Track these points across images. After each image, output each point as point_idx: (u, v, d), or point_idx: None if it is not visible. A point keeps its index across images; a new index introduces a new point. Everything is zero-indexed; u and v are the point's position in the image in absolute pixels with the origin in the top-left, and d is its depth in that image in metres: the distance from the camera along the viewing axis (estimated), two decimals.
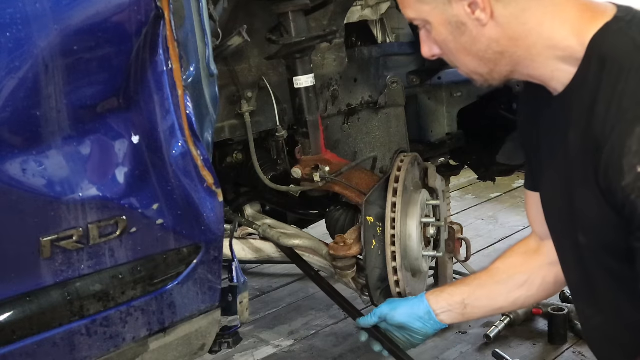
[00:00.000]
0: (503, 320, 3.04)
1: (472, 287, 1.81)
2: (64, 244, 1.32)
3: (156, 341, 1.55)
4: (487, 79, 1.42)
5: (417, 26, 1.42)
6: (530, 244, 1.77)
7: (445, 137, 2.91)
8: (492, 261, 1.85)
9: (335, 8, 2.25)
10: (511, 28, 1.31)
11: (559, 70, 1.34)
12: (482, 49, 1.34)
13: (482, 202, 4.86)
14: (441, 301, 1.81)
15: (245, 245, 2.35)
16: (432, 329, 1.83)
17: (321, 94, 2.30)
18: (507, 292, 1.77)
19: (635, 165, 1.18)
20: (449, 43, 1.37)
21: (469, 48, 1.35)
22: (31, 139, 1.26)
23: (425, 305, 1.81)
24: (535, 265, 1.72)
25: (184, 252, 1.53)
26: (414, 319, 1.82)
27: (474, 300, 1.79)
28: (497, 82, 1.42)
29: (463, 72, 1.45)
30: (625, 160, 1.19)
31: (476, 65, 1.39)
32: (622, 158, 1.19)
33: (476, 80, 1.44)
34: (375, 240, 1.99)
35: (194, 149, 1.46)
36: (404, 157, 2.08)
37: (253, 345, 3.13)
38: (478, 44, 1.34)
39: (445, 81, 2.77)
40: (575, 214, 1.39)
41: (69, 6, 1.24)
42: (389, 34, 2.72)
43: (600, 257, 1.39)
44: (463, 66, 1.42)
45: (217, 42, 1.67)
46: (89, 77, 1.29)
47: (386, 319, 1.87)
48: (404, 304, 1.85)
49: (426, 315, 1.81)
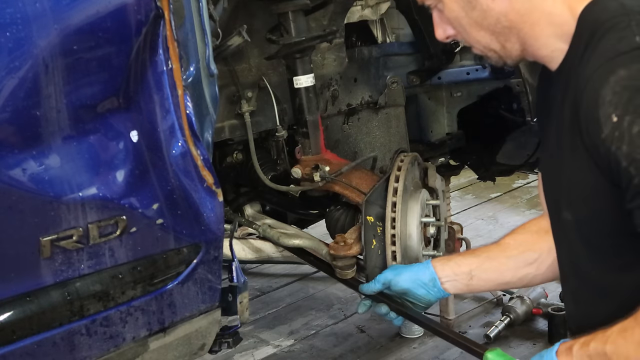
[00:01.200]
0: (503, 320, 3.04)
1: (480, 258, 1.76)
2: (63, 244, 1.32)
3: (156, 341, 1.54)
4: (501, 56, 1.42)
5: (429, 8, 1.44)
6: (542, 223, 1.70)
7: (445, 137, 2.91)
8: (502, 236, 1.81)
9: (335, 8, 2.25)
10: (518, 1, 1.33)
11: (557, 50, 1.36)
12: (492, 22, 1.36)
13: (482, 202, 4.86)
14: (447, 269, 1.76)
15: (245, 245, 2.35)
16: (435, 296, 1.78)
17: (321, 94, 2.30)
18: (516, 267, 1.72)
19: (610, 115, 1.15)
20: (462, 19, 1.39)
21: (480, 22, 1.37)
22: (31, 139, 1.26)
23: (431, 271, 1.75)
24: (547, 245, 1.66)
25: (184, 252, 1.53)
26: (418, 285, 1.77)
27: (481, 272, 1.74)
28: (511, 60, 1.43)
29: (478, 51, 1.45)
30: (601, 112, 1.17)
31: (488, 41, 1.40)
32: (598, 110, 1.17)
33: (491, 58, 1.44)
34: (376, 240, 1.99)
35: (193, 148, 1.46)
36: (404, 157, 2.08)
37: (253, 345, 3.13)
38: (488, 18, 1.36)
39: (445, 81, 2.76)
40: (562, 189, 1.38)
41: (68, 6, 1.24)
42: (389, 34, 2.72)
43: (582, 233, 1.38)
44: (476, 43, 1.42)
45: (217, 42, 1.67)
46: (88, 77, 1.30)
47: (390, 285, 1.81)
48: (409, 270, 1.80)
49: (430, 282, 1.76)
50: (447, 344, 3.00)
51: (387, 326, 3.23)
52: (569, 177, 1.35)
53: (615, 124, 1.15)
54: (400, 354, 3.01)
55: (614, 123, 1.15)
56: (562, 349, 1.32)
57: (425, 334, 3.12)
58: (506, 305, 3.15)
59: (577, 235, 1.39)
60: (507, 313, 3.09)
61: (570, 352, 1.29)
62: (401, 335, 3.13)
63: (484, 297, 3.43)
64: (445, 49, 2.61)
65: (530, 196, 4.94)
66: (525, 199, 4.89)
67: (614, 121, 1.15)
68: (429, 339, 3.09)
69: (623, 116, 1.14)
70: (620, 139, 1.15)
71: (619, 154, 1.16)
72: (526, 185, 5.15)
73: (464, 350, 1.75)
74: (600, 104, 1.17)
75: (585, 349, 1.27)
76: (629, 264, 1.31)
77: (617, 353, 1.21)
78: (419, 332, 3.12)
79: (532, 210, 4.64)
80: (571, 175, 1.34)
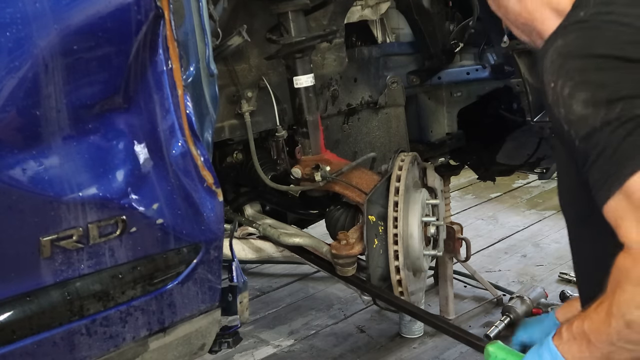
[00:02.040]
0: (503, 320, 3.04)
1: None
2: (63, 244, 1.32)
3: (156, 341, 1.54)
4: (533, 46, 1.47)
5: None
6: None
7: (445, 137, 2.90)
8: None
9: (335, 8, 2.25)
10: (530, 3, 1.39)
11: None
12: (512, 19, 1.45)
13: (482, 202, 4.86)
14: None
15: (245, 245, 2.35)
16: None
17: (321, 94, 2.30)
18: None
19: (549, 82, 1.22)
20: (502, 17, 1.49)
21: (504, 17, 1.47)
22: (31, 139, 1.26)
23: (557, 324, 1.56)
24: None
25: (184, 252, 1.53)
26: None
27: None
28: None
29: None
30: (545, 79, 1.23)
31: (520, 34, 1.48)
32: (544, 77, 1.23)
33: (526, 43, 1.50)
34: (377, 240, 1.99)
35: (193, 148, 1.46)
36: (404, 157, 2.08)
37: (253, 345, 3.13)
38: (510, 14, 1.45)
39: (445, 81, 2.76)
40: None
41: (68, 6, 1.24)
42: (389, 34, 2.72)
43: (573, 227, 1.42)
44: (518, 36, 1.50)
45: (217, 42, 1.67)
46: (88, 77, 1.30)
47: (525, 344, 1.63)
48: (538, 326, 1.63)
49: None
50: (447, 344, 3.02)
51: (387, 326, 3.23)
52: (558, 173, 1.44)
53: (553, 89, 1.21)
54: (400, 354, 3.01)
55: (552, 88, 1.21)
56: (556, 333, 1.33)
57: (426, 334, 3.12)
58: (506, 305, 3.14)
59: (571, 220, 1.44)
60: (507, 313, 3.09)
61: (560, 336, 1.31)
62: (401, 335, 3.13)
63: (484, 297, 3.43)
64: (445, 49, 2.61)
65: (530, 196, 4.94)
66: (525, 199, 4.89)
67: (551, 87, 1.21)
68: (429, 339, 3.09)
69: (557, 81, 1.20)
70: (557, 103, 1.21)
71: (560, 117, 1.21)
72: (526, 185, 5.15)
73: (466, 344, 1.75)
74: (543, 72, 1.24)
75: (570, 330, 1.29)
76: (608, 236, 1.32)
77: (592, 329, 1.23)
78: (419, 332, 3.12)
79: (532, 210, 4.64)
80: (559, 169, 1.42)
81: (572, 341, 1.28)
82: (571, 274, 3.52)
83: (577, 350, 1.27)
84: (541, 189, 5.04)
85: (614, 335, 1.18)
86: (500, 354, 1.57)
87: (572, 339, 1.28)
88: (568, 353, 1.28)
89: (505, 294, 3.39)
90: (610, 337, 1.19)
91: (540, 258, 3.86)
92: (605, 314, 1.19)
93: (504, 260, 3.89)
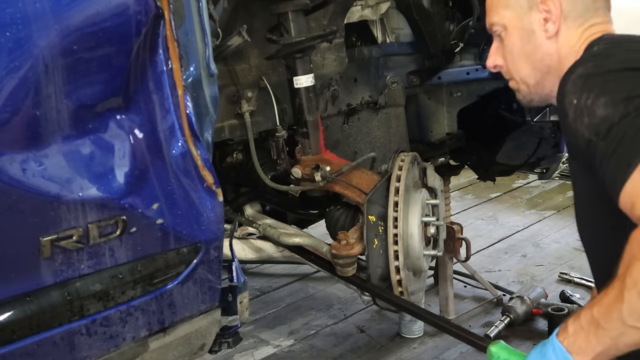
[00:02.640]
0: (503, 320, 3.04)
1: None
2: (63, 244, 1.32)
3: (156, 341, 1.54)
4: (531, 92, 1.56)
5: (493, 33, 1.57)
6: None
7: (445, 137, 2.91)
8: None
9: (335, 8, 2.25)
10: (563, 48, 1.48)
11: None
12: (538, 58, 1.51)
13: (482, 202, 4.86)
14: None
15: (245, 245, 2.35)
16: None
17: (321, 94, 2.30)
18: None
19: (571, 101, 1.31)
20: (515, 49, 1.54)
21: (529, 55, 1.52)
22: (31, 139, 1.26)
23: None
24: None
25: (184, 252, 1.53)
26: None
27: None
28: (538, 97, 1.57)
29: (513, 82, 1.59)
30: (566, 101, 1.33)
31: (528, 74, 1.54)
32: (565, 100, 1.33)
33: (521, 92, 1.58)
34: (377, 240, 1.99)
35: (193, 148, 1.46)
36: (404, 157, 2.08)
37: (253, 345, 3.13)
38: (537, 53, 1.51)
39: (445, 81, 2.76)
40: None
41: (68, 6, 1.24)
42: (389, 34, 2.72)
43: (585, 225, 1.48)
44: (517, 73, 1.56)
45: (217, 42, 1.67)
46: (89, 77, 1.30)
47: None
48: None
49: None
50: (447, 344, 3.02)
51: (387, 326, 3.23)
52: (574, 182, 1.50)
53: (575, 105, 1.31)
54: (400, 354, 3.01)
55: (574, 105, 1.31)
56: (561, 329, 1.33)
57: (426, 333, 3.12)
58: (506, 305, 3.14)
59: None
60: (507, 313, 3.09)
61: (566, 330, 1.30)
62: (401, 335, 3.13)
63: (484, 297, 3.43)
64: (445, 49, 2.61)
65: (530, 196, 4.94)
66: (525, 199, 4.89)
67: (574, 103, 1.31)
68: (429, 339, 3.09)
69: (580, 96, 1.30)
70: (581, 115, 1.29)
71: (582, 128, 1.29)
72: (526, 185, 5.15)
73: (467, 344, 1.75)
74: (565, 95, 1.34)
75: (577, 321, 1.29)
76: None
77: (601, 311, 1.23)
78: (419, 332, 3.12)
79: (532, 210, 4.64)
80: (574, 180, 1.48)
81: (579, 332, 1.27)
82: (571, 273, 3.52)
83: (584, 340, 1.26)
84: (541, 189, 5.04)
85: (625, 312, 1.18)
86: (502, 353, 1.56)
87: (580, 329, 1.27)
88: (574, 345, 1.27)
89: (505, 294, 3.39)
90: (622, 315, 1.19)
91: (540, 258, 3.86)
92: (618, 291, 1.19)
93: (504, 260, 3.89)
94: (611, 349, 1.24)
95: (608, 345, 1.23)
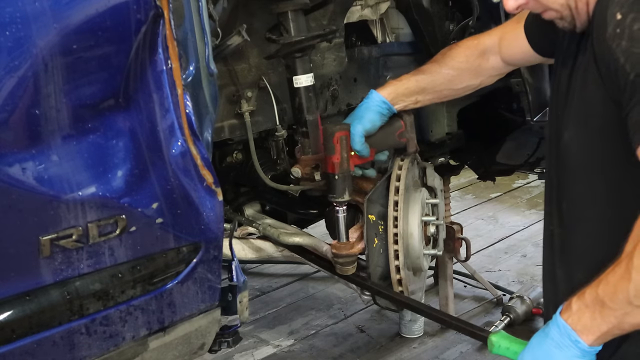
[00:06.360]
0: (503, 320, 3.04)
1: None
2: (63, 243, 1.32)
3: (156, 340, 1.54)
4: (574, 16, 1.40)
5: None
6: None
7: (445, 136, 2.90)
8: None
9: (335, 7, 2.25)
10: None
11: None
12: None
13: (482, 202, 4.87)
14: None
15: (245, 244, 2.35)
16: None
17: (321, 94, 2.30)
18: None
19: (615, 13, 1.22)
20: None
21: None
22: (30, 138, 1.26)
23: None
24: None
25: (184, 251, 1.53)
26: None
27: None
28: (580, 23, 1.41)
29: (552, 11, 1.43)
30: (609, 12, 1.23)
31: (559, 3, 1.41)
32: (607, 10, 1.24)
33: (565, 19, 1.43)
34: (377, 239, 1.99)
35: (193, 148, 1.46)
36: (404, 156, 2.08)
37: (253, 345, 3.13)
38: None
39: None
40: (567, 113, 1.41)
41: (68, 5, 1.24)
42: (389, 34, 2.72)
43: (581, 153, 1.40)
44: (554, 2, 1.41)
45: (216, 42, 1.67)
46: (88, 76, 1.29)
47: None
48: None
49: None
50: (447, 344, 3.02)
51: (387, 326, 3.24)
52: (577, 100, 1.38)
53: (619, 21, 1.21)
54: (400, 354, 3.01)
55: (617, 20, 1.21)
56: (564, 307, 1.30)
57: (425, 333, 3.12)
58: (506, 305, 3.15)
59: (574, 160, 1.42)
60: (507, 313, 3.09)
61: (569, 308, 1.28)
62: (401, 335, 3.14)
63: (484, 297, 3.43)
64: None
65: (530, 196, 4.94)
66: (525, 199, 4.89)
67: (618, 18, 1.21)
68: (429, 338, 3.09)
69: (627, 14, 1.20)
70: (621, 36, 1.20)
71: (618, 51, 1.21)
72: (526, 185, 5.15)
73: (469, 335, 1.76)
74: (609, 5, 1.23)
75: (582, 299, 1.26)
76: (623, 199, 1.32)
77: (607, 290, 1.21)
78: (419, 332, 3.12)
79: (532, 210, 4.64)
80: (578, 96, 1.38)
81: (584, 310, 1.25)
82: None
83: (589, 317, 1.24)
84: (541, 188, 5.04)
85: (632, 291, 1.17)
86: (503, 342, 1.57)
87: (584, 307, 1.25)
88: (578, 323, 1.25)
89: (505, 294, 3.39)
90: (628, 294, 1.17)
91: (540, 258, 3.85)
92: (625, 270, 1.18)
93: (504, 260, 3.89)
94: (615, 328, 1.22)
95: (613, 325, 1.22)
